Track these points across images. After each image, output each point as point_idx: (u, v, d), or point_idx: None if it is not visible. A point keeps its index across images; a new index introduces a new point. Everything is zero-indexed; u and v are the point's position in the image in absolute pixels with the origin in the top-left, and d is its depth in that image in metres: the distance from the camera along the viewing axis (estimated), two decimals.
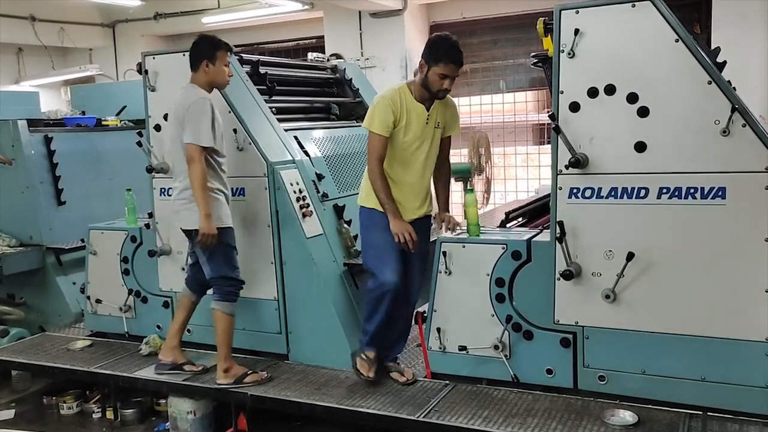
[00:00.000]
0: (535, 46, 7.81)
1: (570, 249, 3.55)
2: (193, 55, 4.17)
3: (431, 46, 3.74)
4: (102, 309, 5.17)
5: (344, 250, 4.68)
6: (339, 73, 5.96)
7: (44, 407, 4.91)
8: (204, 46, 4.15)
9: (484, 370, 3.89)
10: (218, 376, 4.21)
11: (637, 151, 3.40)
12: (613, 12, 3.40)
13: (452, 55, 3.69)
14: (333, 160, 5.02)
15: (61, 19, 9.67)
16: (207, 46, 4.14)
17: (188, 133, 3.98)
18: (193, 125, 3.97)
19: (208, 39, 4.19)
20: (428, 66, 3.71)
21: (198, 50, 4.16)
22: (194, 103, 4.01)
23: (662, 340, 3.44)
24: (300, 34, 9.49)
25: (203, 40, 4.18)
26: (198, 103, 4.01)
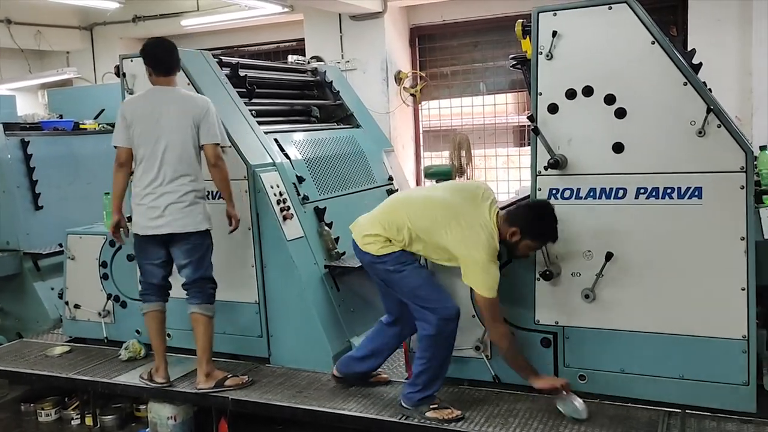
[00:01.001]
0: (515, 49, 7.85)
1: (550, 250, 3.58)
2: (174, 60, 4.16)
3: (537, 223, 3.44)
4: (81, 314, 5.12)
5: (325, 252, 4.67)
6: (319, 75, 5.95)
7: (22, 414, 4.84)
8: (177, 54, 4.21)
9: (466, 371, 3.90)
10: (199, 380, 4.16)
11: (615, 152, 3.43)
12: (590, 14, 3.44)
13: (555, 235, 3.47)
14: (313, 162, 5.01)
15: (38, 21, 9.54)
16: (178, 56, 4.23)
17: (213, 134, 4.05)
18: (216, 126, 4.07)
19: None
20: (524, 238, 3.44)
21: (176, 56, 4.19)
22: (209, 105, 4.09)
23: (641, 339, 3.47)
24: (280, 36, 9.46)
25: (176, 48, 4.20)
26: (211, 105, 4.11)
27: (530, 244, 3.47)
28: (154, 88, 4.14)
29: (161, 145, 4.02)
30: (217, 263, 4.54)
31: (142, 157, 4.07)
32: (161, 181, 4.03)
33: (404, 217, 3.58)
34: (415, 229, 3.55)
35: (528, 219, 3.44)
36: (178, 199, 4.04)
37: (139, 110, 4.09)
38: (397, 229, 3.57)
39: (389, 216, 3.65)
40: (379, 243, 3.61)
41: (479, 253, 3.38)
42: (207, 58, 4.80)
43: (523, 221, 3.44)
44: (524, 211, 3.48)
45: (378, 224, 3.64)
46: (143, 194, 4.07)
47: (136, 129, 4.06)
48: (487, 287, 3.39)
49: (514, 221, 3.46)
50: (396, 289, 3.65)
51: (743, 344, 3.28)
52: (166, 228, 4.06)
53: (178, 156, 4.03)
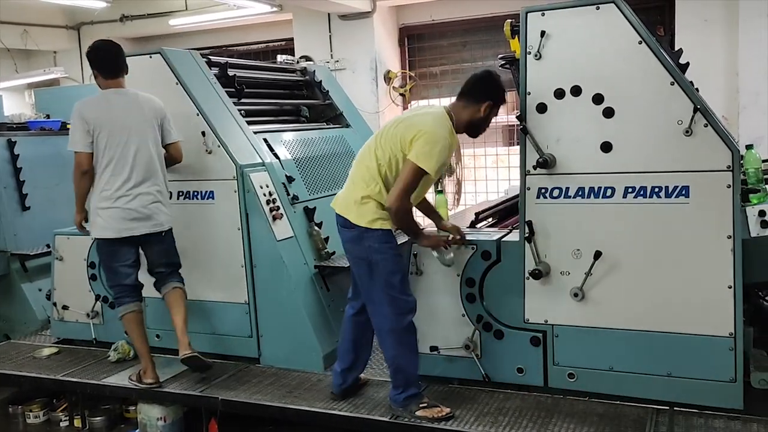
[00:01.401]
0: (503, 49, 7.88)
1: (539, 248, 3.60)
2: (121, 62, 4.24)
3: (501, 88, 3.56)
4: (69, 315, 5.09)
5: (315, 252, 4.67)
6: (309, 75, 5.94)
7: (10, 416, 4.81)
8: (124, 56, 4.29)
9: (456, 370, 3.90)
10: (185, 347, 4.15)
11: (603, 152, 3.45)
12: (578, 14, 3.46)
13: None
14: (303, 162, 5.01)
15: (24, 21, 9.48)
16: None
17: (176, 132, 4.30)
18: (173, 125, 4.28)
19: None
20: (492, 107, 3.56)
21: (123, 58, 4.26)
22: (162, 106, 4.29)
23: (629, 337, 3.49)
24: (269, 36, 9.45)
25: (122, 50, 4.30)
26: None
27: (496, 111, 3.60)
28: (110, 91, 4.21)
29: (131, 148, 4.09)
30: (206, 263, 4.55)
31: (109, 161, 4.09)
32: (134, 183, 4.10)
33: (368, 158, 3.55)
34: (380, 160, 3.50)
35: (494, 88, 3.55)
36: (153, 199, 4.17)
37: (103, 115, 4.10)
38: (371, 177, 3.51)
39: (358, 172, 3.61)
40: (371, 210, 3.51)
41: (440, 131, 3.42)
42: (195, 57, 4.79)
43: (490, 93, 3.53)
44: (483, 85, 3.55)
45: (359, 182, 3.56)
46: (115, 197, 4.08)
47: (102, 134, 4.07)
48: (428, 162, 3.36)
49: (479, 98, 3.52)
50: (373, 271, 3.55)
51: (730, 342, 3.31)
52: (143, 229, 4.14)
53: (148, 157, 4.15)
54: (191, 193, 4.57)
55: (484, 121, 3.59)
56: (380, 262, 3.54)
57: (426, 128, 3.42)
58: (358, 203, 3.54)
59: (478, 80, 3.59)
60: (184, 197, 4.59)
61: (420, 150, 3.37)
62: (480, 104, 3.53)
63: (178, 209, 4.58)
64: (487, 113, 3.55)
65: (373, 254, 3.54)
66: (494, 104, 3.56)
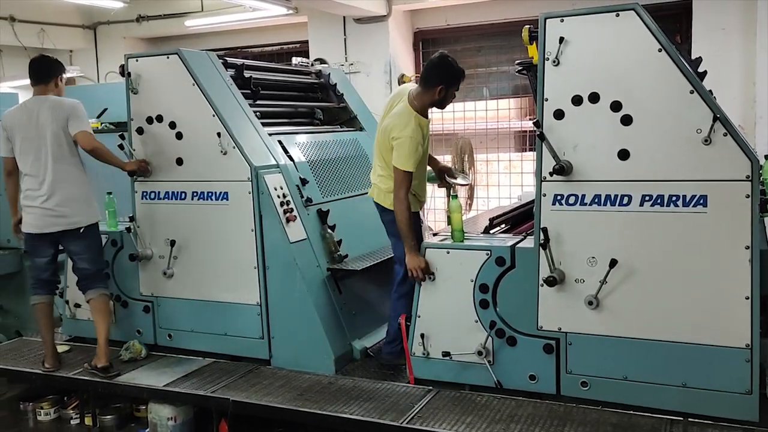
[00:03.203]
0: (518, 54, 7.92)
1: (554, 255, 3.58)
2: (41, 71, 4.55)
3: (449, 70, 4.03)
4: (81, 314, 5.10)
5: (327, 255, 4.66)
6: (323, 78, 5.95)
7: (21, 413, 4.83)
8: (47, 66, 4.60)
9: (468, 376, 3.89)
10: (99, 360, 4.47)
11: (621, 159, 3.43)
12: (598, 21, 3.44)
13: (461, 71, 4.11)
14: (317, 165, 5.01)
15: (42, 20, 9.54)
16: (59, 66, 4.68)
17: (80, 124, 4.43)
18: (83, 118, 4.47)
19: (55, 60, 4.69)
20: (448, 89, 4.04)
21: (44, 68, 4.58)
22: (77, 104, 4.51)
23: (644, 347, 3.47)
24: (284, 38, 9.47)
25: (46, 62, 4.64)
26: (79, 104, 4.52)
27: (452, 90, 4.08)
28: (30, 99, 4.54)
29: (45, 150, 4.39)
30: (219, 264, 4.56)
31: (26, 163, 4.44)
32: (49, 183, 4.39)
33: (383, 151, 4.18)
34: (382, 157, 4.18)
35: (442, 72, 4.02)
36: (68, 198, 4.41)
37: (17, 120, 4.46)
38: (389, 173, 4.12)
39: (378, 163, 4.28)
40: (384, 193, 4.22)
41: (405, 132, 3.96)
42: (212, 58, 4.80)
43: (441, 77, 4.01)
44: (434, 70, 4.04)
45: (384, 175, 4.20)
46: (34, 196, 4.42)
47: (17, 139, 4.45)
48: (404, 162, 3.95)
49: (433, 83, 4.01)
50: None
51: (746, 353, 3.27)
52: (58, 227, 4.42)
53: (58, 157, 4.39)
54: (205, 193, 4.58)
55: (443, 100, 4.09)
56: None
57: (395, 133, 4.01)
58: (388, 192, 4.16)
59: (431, 66, 4.09)
60: (198, 197, 4.60)
61: (397, 157, 3.99)
62: (434, 88, 4.01)
63: (192, 209, 4.60)
64: (443, 95, 4.04)
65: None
66: (447, 86, 4.02)
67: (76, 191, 4.46)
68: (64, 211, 4.42)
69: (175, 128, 4.60)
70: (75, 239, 4.49)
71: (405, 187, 3.99)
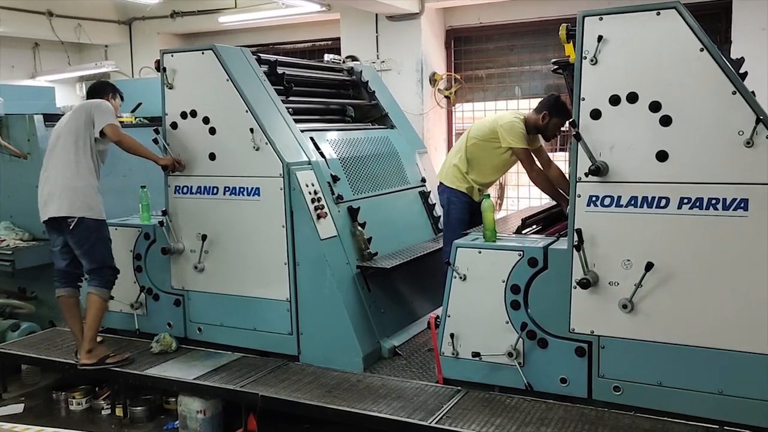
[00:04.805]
0: (551, 53, 7.83)
1: (588, 257, 3.52)
2: (92, 90, 4.84)
3: (558, 103, 4.59)
4: (113, 305, 5.14)
5: (357, 252, 4.66)
6: (355, 75, 5.95)
7: (53, 402, 4.90)
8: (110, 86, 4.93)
9: (497, 377, 3.85)
10: (82, 357, 4.49)
11: (659, 160, 3.36)
12: (638, 19, 3.38)
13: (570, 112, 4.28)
14: (348, 162, 5.01)
15: (78, 15, 9.69)
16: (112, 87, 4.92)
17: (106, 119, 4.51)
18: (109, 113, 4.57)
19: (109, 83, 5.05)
20: (551, 118, 4.57)
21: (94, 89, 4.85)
22: (101, 101, 4.64)
23: (679, 352, 3.40)
24: (316, 35, 9.49)
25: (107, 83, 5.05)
26: (104, 102, 4.66)
27: (556, 122, 4.57)
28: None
29: (55, 144, 4.56)
30: (249, 259, 4.58)
31: (45, 157, 4.64)
32: (45, 172, 4.53)
33: (461, 145, 4.86)
34: (468, 144, 4.79)
35: (550, 103, 4.59)
36: (54, 186, 4.44)
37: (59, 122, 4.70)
38: (455, 153, 4.89)
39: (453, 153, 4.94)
40: (458, 177, 4.85)
41: (511, 122, 4.57)
42: (246, 54, 4.82)
43: (549, 106, 4.58)
44: (546, 100, 4.65)
45: (452, 158, 4.91)
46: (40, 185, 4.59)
47: (52, 136, 4.66)
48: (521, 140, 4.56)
49: (541, 109, 4.61)
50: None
51: None
52: (46, 214, 4.50)
53: (66, 150, 4.47)
54: (237, 189, 4.60)
55: (546, 128, 4.65)
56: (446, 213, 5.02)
57: (502, 122, 4.70)
58: (448, 170, 4.96)
59: (545, 98, 4.73)
60: (230, 193, 4.62)
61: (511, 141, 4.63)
62: (541, 113, 4.61)
63: (224, 204, 4.63)
64: (546, 121, 4.61)
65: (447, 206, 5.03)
66: (551, 115, 4.58)
67: (68, 183, 4.44)
68: (51, 199, 4.46)
69: (209, 123, 4.63)
70: (69, 232, 4.47)
71: (529, 161, 4.57)
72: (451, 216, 4.86)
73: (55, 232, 4.59)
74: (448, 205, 4.88)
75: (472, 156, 4.79)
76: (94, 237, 4.52)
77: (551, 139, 4.87)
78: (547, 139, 4.79)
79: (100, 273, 4.55)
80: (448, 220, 4.92)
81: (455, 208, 4.84)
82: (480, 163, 4.79)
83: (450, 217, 4.88)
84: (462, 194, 4.83)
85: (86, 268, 4.55)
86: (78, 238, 4.48)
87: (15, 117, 5.84)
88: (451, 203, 4.85)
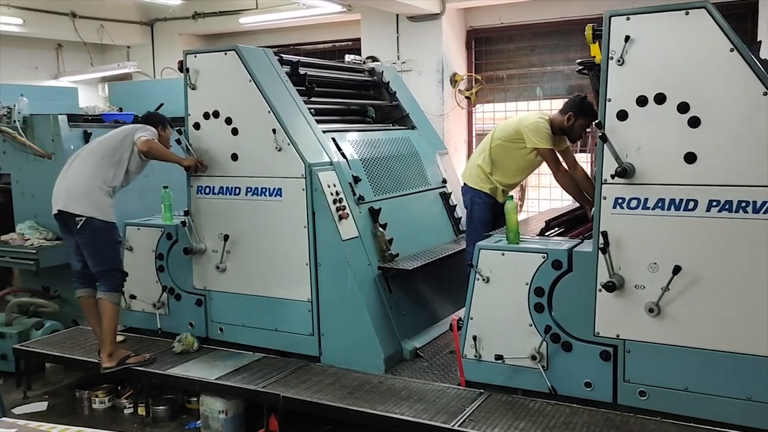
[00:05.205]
0: (574, 53, 7.76)
1: (613, 260, 3.48)
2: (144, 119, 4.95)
3: (584, 104, 4.54)
4: (136, 305, 5.19)
5: (378, 253, 4.65)
6: (376, 75, 5.94)
7: (76, 401, 4.95)
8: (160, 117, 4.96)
9: (520, 381, 3.82)
10: (103, 360, 4.51)
11: (687, 162, 3.31)
12: (666, 19, 3.33)
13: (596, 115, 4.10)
14: (369, 162, 5.00)
15: (101, 16, 9.76)
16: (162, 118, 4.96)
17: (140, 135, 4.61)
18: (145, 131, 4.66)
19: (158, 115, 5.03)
20: (576, 118, 4.52)
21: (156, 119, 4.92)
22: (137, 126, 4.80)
23: (707, 357, 3.34)
24: (336, 36, 9.48)
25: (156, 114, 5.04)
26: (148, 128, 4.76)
27: (582, 123, 4.52)
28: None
29: (88, 145, 4.78)
30: (271, 259, 4.58)
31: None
32: (66, 169, 4.58)
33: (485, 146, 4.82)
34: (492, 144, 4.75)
35: (576, 104, 4.55)
36: (67, 184, 4.47)
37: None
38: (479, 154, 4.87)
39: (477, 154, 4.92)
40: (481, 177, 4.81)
41: (536, 122, 4.54)
42: (268, 55, 4.83)
43: (574, 107, 4.54)
44: (571, 101, 4.63)
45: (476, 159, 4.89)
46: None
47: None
48: (546, 140, 4.52)
49: (566, 110, 4.56)
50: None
51: None
52: (55, 208, 4.50)
53: (91, 154, 4.56)
54: (259, 189, 4.61)
55: (571, 129, 4.60)
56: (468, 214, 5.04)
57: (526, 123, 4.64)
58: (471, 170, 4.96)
59: (570, 98, 4.74)
60: (252, 193, 4.63)
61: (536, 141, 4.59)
62: (566, 114, 4.57)
63: (246, 205, 4.64)
64: (571, 123, 4.56)
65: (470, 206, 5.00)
66: (576, 115, 4.53)
67: (81, 182, 4.47)
68: (61, 194, 4.48)
69: (231, 124, 4.64)
70: (77, 232, 4.46)
71: (555, 161, 4.57)
72: (474, 217, 4.84)
73: (65, 231, 4.62)
74: (471, 205, 4.86)
75: (496, 157, 4.76)
76: (102, 239, 4.49)
77: (576, 140, 4.84)
78: (572, 140, 4.75)
79: (108, 276, 4.53)
80: (471, 221, 4.89)
81: (478, 209, 4.81)
82: (504, 164, 4.76)
83: (473, 217, 4.86)
84: (485, 195, 4.80)
85: (93, 269, 4.51)
86: (86, 238, 4.47)
87: (39, 117, 5.90)
88: (474, 204, 4.83)
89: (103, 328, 4.53)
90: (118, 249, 4.64)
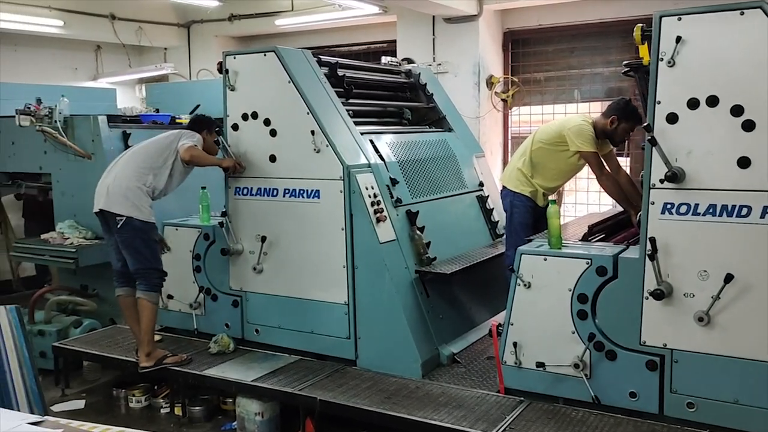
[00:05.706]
0: (613, 55, 7.63)
1: (661, 267, 3.38)
2: (191, 125, 4.92)
3: (628, 107, 4.49)
4: (173, 305, 5.21)
5: (416, 257, 4.60)
6: (413, 77, 5.90)
7: (113, 399, 4.98)
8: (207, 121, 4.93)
9: (562, 389, 3.73)
10: (141, 360, 4.56)
11: (740, 167, 3.21)
12: (720, 19, 3.23)
13: (641, 118, 4.25)
14: (406, 165, 4.95)
15: (139, 18, 9.88)
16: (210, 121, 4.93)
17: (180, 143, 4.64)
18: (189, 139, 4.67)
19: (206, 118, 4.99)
20: (620, 122, 4.44)
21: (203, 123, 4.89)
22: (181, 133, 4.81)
23: (759, 369, 3.23)
24: (372, 37, 9.46)
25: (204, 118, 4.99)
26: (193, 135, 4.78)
27: (625, 127, 4.45)
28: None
29: (134, 146, 4.81)
30: (308, 262, 4.56)
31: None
32: (110, 169, 4.64)
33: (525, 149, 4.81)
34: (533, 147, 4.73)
35: (620, 107, 4.49)
36: (109, 184, 4.52)
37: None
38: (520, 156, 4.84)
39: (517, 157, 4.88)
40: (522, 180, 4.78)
41: (580, 125, 4.49)
42: (307, 56, 4.81)
43: (617, 110, 4.48)
44: (615, 104, 4.58)
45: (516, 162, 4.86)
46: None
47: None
48: (590, 143, 4.46)
49: (609, 113, 4.50)
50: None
51: None
52: (96, 206, 4.54)
53: (128, 158, 4.63)
54: (297, 191, 4.59)
55: (614, 132, 4.52)
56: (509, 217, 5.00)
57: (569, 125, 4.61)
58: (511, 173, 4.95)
59: (614, 101, 4.69)
60: (290, 195, 4.62)
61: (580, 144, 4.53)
62: (609, 117, 4.50)
63: (283, 206, 4.63)
64: (614, 126, 4.49)
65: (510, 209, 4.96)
66: (619, 118, 4.46)
67: (123, 182, 4.49)
68: (102, 193, 4.52)
69: (270, 125, 4.64)
70: (117, 231, 4.49)
71: (599, 165, 4.49)
72: (514, 220, 4.77)
73: (106, 230, 4.66)
74: (511, 208, 4.81)
75: (537, 160, 4.70)
76: (140, 238, 4.51)
77: (620, 144, 4.75)
78: (615, 144, 4.66)
79: (146, 275, 4.56)
80: (510, 224, 4.83)
81: (518, 212, 4.75)
82: (545, 167, 4.69)
83: (513, 221, 4.79)
84: (525, 198, 4.73)
85: (132, 268, 4.54)
86: (125, 237, 4.50)
87: (80, 118, 5.96)
88: (514, 207, 4.78)
89: (141, 327, 4.55)
90: (156, 249, 4.65)
